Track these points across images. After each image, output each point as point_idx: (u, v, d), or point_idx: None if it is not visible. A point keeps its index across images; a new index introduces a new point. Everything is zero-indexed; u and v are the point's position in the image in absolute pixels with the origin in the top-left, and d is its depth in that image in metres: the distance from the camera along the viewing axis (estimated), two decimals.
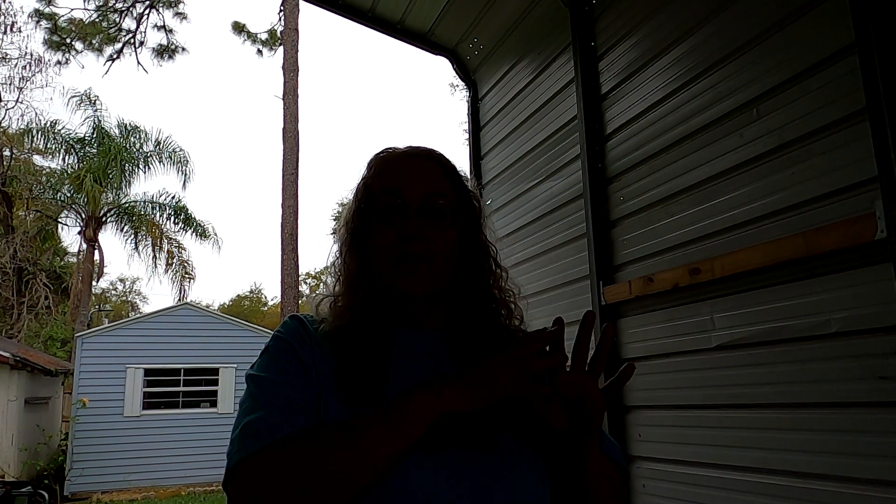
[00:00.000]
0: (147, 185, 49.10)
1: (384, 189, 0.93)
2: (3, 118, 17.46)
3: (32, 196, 17.65)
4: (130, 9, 16.10)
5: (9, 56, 17.66)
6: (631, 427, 2.36)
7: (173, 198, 17.73)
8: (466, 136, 3.83)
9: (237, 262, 69.88)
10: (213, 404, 11.89)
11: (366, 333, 0.89)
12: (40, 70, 17.77)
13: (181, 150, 17.27)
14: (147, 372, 11.63)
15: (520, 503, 0.82)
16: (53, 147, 16.73)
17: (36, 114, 22.20)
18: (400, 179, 0.93)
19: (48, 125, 16.53)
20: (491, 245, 1.00)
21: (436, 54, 3.65)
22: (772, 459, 1.78)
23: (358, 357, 0.87)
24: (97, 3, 16.04)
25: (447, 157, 1.00)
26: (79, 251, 18.30)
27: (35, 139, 16.70)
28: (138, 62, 17.70)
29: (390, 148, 1.00)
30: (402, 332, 0.93)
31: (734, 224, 1.94)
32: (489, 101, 3.52)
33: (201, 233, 17.87)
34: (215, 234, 18.05)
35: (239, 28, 17.22)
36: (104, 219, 17.57)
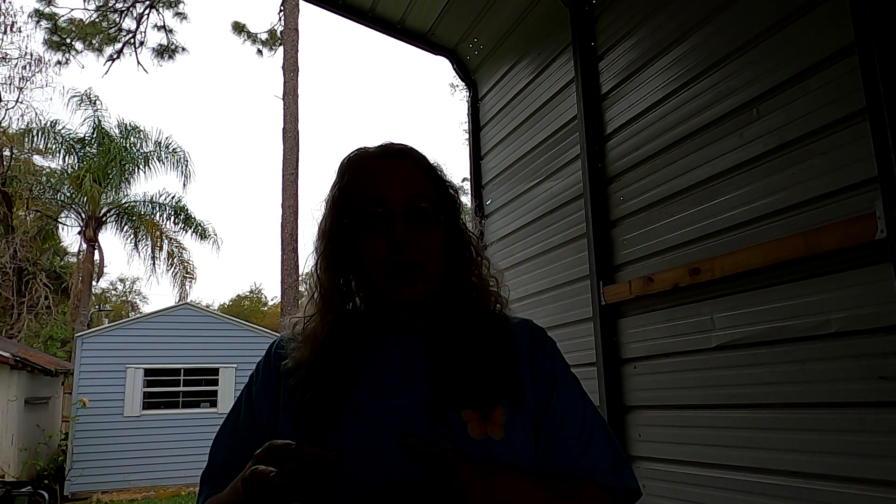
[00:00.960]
0: (147, 185, 49.12)
1: (365, 197, 0.89)
2: (3, 118, 17.47)
3: (32, 196, 17.64)
4: (130, 9, 16.10)
5: (9, 56, 17.67)
6: (631, 427, 2.36)
7: (173, 198, 17.73)
8: (466, 136, 3.83)
9: (237, 262, 69.92)
10: (213, 404, 11.89)
11: (324, 365, 0.88)
12: (40, 70, 17.77)
13: (181, 149, 17.28)
14: (147, 372, 11.63)
15: None
16: (53, 147, 16.73)
17: (36, 114, 22.22)
18: (380, 185, 0.89)
19: (48, 125, 16.53)
20: (471, 233, 0.97)
21: (436, 54, 3.65)
22: (772, 459, 1.78)
23: (312, 390, 0.86)
24: (97, 3, 16.04)
25: (420, 151, 0.96)
26: (79, 251, 18.30)
27: (35, 139, 16.69)
28: (138, 62, 17.70)
29: (361, 149, 0.96)
30: (380, 339, 0.91)
31: (734, 224, 1.94)
32: (489, 101, 3.52)
33: (201, 233, 17.86)
34: (215, 234, 18.05)
35: (239, 28, 17.22)
36: (104, 219, 17.57)
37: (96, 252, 17.59)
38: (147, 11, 16.25)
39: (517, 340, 0.92)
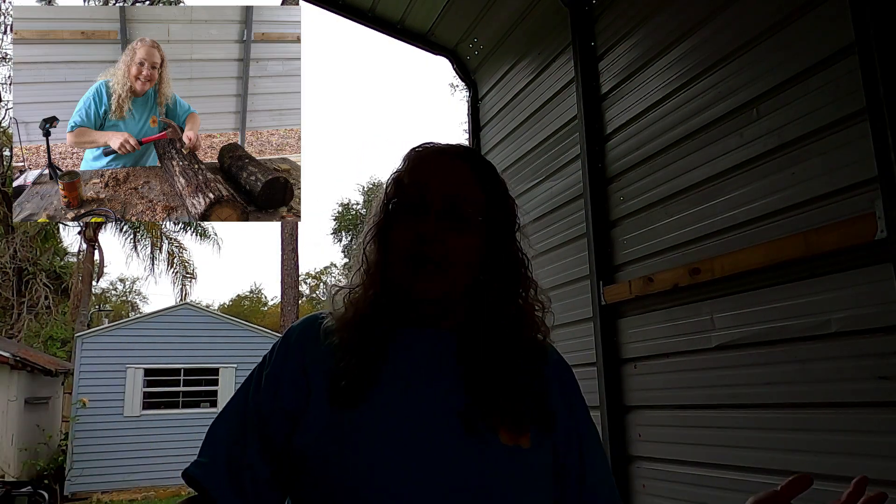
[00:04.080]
0: None
1: (409, 183, 0.91)
2: (3, 118, 17.46)
3: None
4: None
5: (9, 56, 17.67)
6: (631, 427, 2.36)
7: None
8: (466, 136, 3.83)
9: (237, 262, 69.95)
10: (213, 404, 11.88)
11: (364, 334, 0.88)
12: None
13: None
14: (147, 372, 11.63)
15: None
16: None
17: None
18: (426, 177, 0.91)
19: None
20: (523, 254, 0.97)
21: (436, 54, 3.65)
22: (772, 459, 1.78)
23: (349, 360, 0.86)
24: (97, 3, 16.04)
25: (485, 158, 0.98)
26: (79, 251, 18.32)
27: None
28: None
29: (428, 143, 0.98)
30: (409, 332, 0.91)
31: (734, 224, 1.94)
32: (489, 101, 3.52)
33: (201, 233, 17.89)
34: (215, 234, 18.08)
35: None
36: None
37: (96, 252, 17.60)
38: None
39: (550, 372, 0.95)
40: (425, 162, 0.94)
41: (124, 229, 17.88)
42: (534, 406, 0.88)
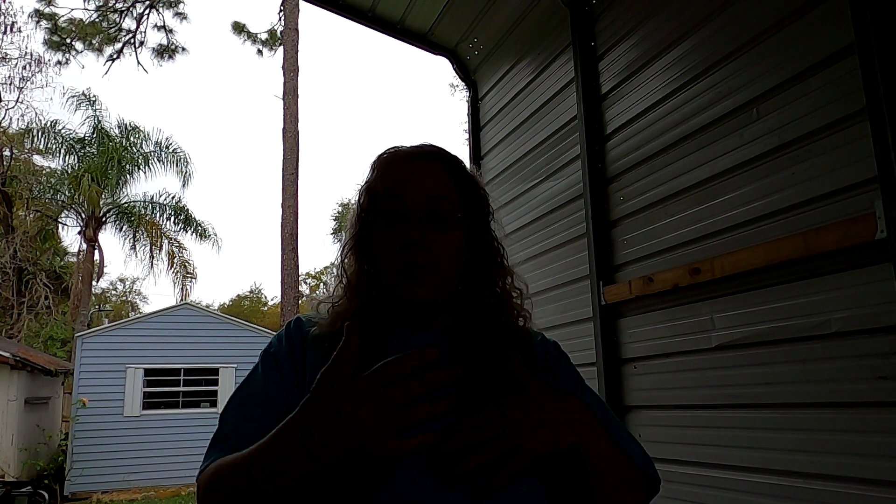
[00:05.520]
0: (147, 185, 49.19)
1: (385, 194, 0.92)
2: (3, 118, 17.46)
3: (32, 196, 17.63)
4: (130, 9, 16.10)
5: (9, 56, 17.67)
6: (631, 427, 2.35)
7: (173, 198, 17.74)
8: (466, 136, 3.83)
9: (237, 262, 69.96)
10: (213, 404, 11.89)
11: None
12: (40, 70, 17.77)
13: (181, 150, 17.30)
14: (147, 372, 11.63)
15: None
16: (53, 147, 16.73)
17: (36, 114, 22.19)
18: (401, 184, 0.92)
19: (48, 125, 16.53)
20: (498, 244, 0.99)
21: (436, 54, 3.65)
22: (772, 459, 1.78)
23: None
24: (97, 3, 16.04)
25: (452, 153, 0.98)
26: (79, 251, 18.31)
27: (35, 139, 16.70)
28: (138, 62, 17.73)
29: (393, 148, 0.98)
30: (401, 333, 0.92)
31: (734, 224, 1.94)
32: (489, 101, 3.52)
33: (201, 233, 17.87)
34: (215, 235, 18.08)
35: (239, 28, 17.21)
36: (104, 219, 17.57)
37: (96, 252, 17.59)
38: (147, 11, 16.26)
39: (537, 355, 0.96)
40: (397, 168, 0.94)
41: (124, 229, 17.87)
42: None
